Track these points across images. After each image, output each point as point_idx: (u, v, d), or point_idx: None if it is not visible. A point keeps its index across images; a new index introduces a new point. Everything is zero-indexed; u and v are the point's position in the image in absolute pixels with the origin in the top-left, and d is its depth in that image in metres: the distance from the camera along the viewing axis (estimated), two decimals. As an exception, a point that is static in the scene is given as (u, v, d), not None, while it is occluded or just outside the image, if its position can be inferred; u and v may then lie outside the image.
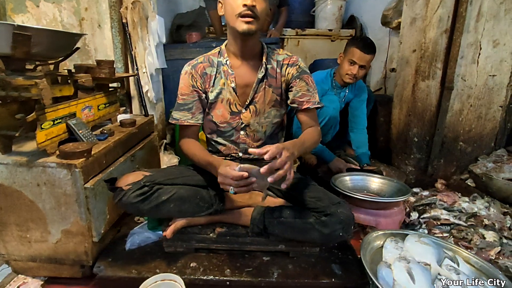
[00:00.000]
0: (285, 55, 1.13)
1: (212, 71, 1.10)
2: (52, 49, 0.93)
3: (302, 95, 1.10)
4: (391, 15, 1.97)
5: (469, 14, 1.62)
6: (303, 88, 1.10)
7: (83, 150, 0.95)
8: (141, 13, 1.58)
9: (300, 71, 1.11)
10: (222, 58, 1.10)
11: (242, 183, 0.84)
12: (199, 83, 1.10)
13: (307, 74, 1.13)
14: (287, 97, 1.15)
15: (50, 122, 0.95)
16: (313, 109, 1.12)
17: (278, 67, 1.12)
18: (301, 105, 1.10)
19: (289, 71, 1.11)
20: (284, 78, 1.12)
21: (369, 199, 1.26)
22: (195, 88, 1.10)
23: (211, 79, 1.10)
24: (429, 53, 1.69)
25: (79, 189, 0.96)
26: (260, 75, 1.09)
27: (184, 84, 1.10)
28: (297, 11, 2.94)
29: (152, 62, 1.68)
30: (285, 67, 1.11)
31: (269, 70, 1.11)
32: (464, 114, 1.78)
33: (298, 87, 1.10)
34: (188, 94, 1.10)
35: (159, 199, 0.97)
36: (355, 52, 1.66)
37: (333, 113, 1.73)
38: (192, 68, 1.10)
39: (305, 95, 1.10)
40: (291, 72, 1.11)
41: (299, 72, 1.11)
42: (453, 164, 1.87)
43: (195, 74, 1.10)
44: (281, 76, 1.12)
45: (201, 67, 1.10)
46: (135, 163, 1.33)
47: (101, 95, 1.28)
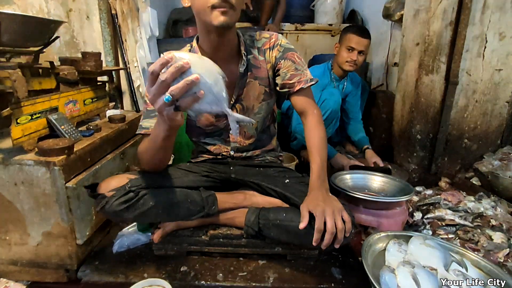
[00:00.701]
0: (263, 38, 1.00)
1: None
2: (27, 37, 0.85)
3: (292, 76, 0.98)
4: (393, 7, 1.90)
5: (475, 6, 1.55)
6: (291, 68, 0.98)
7: (63, 147, 0.88)
8: (131, 4, 1.51)
9: (282, 50, 0.99)
10: None
11: (179, 81, 0.59)
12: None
13: (292, 50, 1.00)
14: (275, 84, 1.03)
15: (27, 117, 0.88)
16: (308, 88, 1.00)
17: (260, 54, 1.00)
18: (293, 87, 0.98)
19: (272, 54, 0.99)
20: (269, 64, 1.00)
21: (370, 198, 1.19)
22: None
23: None
24: (433, 46, 1.62)
25: (59, 188, 0.90)
26: (241, 69, 0.97)
27: None
28: (296, 5, 2.87)
29: (143, 55, 1.61)
30: (267, 52, 1.00)
31: (251, 61, 0.99)
32: (469, 110, 1.71)
33: (285, 68, 0.99)
34: None
35: (146, 205, 0.88)
36: (352, 38, 1.65)
37: (334, 106, 1.67)
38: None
39: (295, 75, 0.98)
40: (274, 55, 0.99)
41: (281, 51, 0.99)
42: (457, 162, 1.80)
43: None
44: (266, 63, 1.00)
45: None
46: (125, 160, 1.27)
47: (88, 89, 1.21)
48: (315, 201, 0.83)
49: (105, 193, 0.86)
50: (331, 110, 1.67)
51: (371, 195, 1.37)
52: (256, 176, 1.07)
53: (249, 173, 1.08)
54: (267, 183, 1.04)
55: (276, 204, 1.02)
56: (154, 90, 0.61)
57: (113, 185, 0.88)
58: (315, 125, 0.98)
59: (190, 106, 0.62)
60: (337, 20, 2.78)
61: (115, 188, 0.87)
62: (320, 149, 0.94)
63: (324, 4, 2.75)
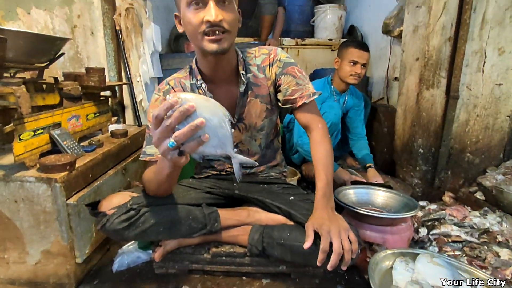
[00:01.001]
0: (262, 55, 0.99)
1: None
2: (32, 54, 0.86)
3: (293, 92, 0.96)
4: (392, 24, 1.94)
5: (473, 21, 1.57)
6: (292, 83, 0.96)
7: (65, 163, 0.87)
8: (135, 20, 1.53)
9: (282, 65, 0.96)
10: (196, 80, 0.95)
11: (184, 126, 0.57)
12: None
13: (291, 65, 0.97)
14: (277, 100, 1.02)
15: (30, 133, 0.88)
16: (311, 102, 0.97)
17: (260, 71, 0.98)
18: (295, 102, 0.96)
19: (272, 70, 0.98)
20: (270, 81, 0.99)
21: (375, 214, 1.17)
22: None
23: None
24: (432, 61, 1.64)
25: (60, 206, 0.88)
26: (241, 88, 0.95)
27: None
28: (297, 21, 2.93)
29: (146, 70, 1.62)
30: (267, 69, 0.98)
31: (251, 79, 0.97)
32: (471, 125, 1.72)
33: (286, 84, 0.96)
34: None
35: (147, 223, 0.86)
36: (354, 52, 1.69)
37: (334, 119, 1.67)
38: (164, 94, 0.95)
39: (296, 90, 0.96)
40: (274, 71, 0.98)
41: (281, 67, 0.97)
42: (460, 176, 1.79)
43: None
44: (266, 81, 0.98)
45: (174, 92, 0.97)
46: (127, 176, 1.25)
47: (90, 104, 1.21)
48: (320, 220, 0.81)
49: (106, 211, 0.84)
50: (331, 122, 1.68)
51: (375, 210, 1.35)
52: (260, 192, 1.05)
53: (253, 190, 1.07)
54: (271, 200, 1.02)
55: (280, 221, 1.00)
56: (158, 134, 0.60)
57: (115, 202, 0.86)
58: (321, 140, 0.96)
59: (194, 150, 0.61)
60: (337, 35, 2.83)
61: (116, 206, 0.86)
62: (326, 166, 0.92)
63: (324, 19, 2.80)
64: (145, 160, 0.91)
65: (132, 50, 1.54)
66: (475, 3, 1.54)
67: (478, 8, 1.56)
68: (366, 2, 2.74)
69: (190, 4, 0.79)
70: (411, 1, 1.72)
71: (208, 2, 0.78)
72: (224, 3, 0.80)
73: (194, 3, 0.78)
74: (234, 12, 0.83)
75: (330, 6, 2.79)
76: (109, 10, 1.49)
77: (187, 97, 0.58)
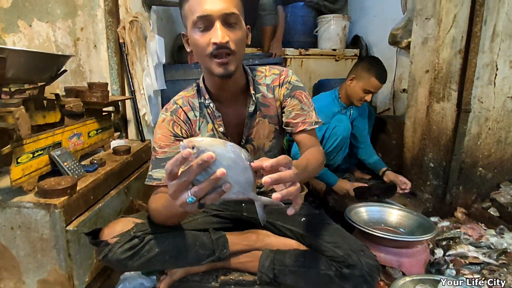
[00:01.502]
0: (273, 75, 0.96)
1: (194, 116, 0.92)
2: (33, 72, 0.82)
3: (296, 115, 0.93)
4: (400, 35, 1.91)
5: (484, 34, 1.54)
6: (296, 107, 0.94)
7: (65, 187, 0.82)
8: (139, 33, 1.50)
9: (291, 87, 0.94)
10: (204, 99, 0.92)
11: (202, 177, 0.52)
12: (184, 130, 0.90)
13: (300, 89, 0.95)
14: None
15: (28, 155, 0.83)
16: (311, 129, 0.94)
17: (269, 91, 0.95)
18: (296, 127, 0.93)
19: (281, 91, 0.95)
20: (278, 101, 0.96)
21: (391, 237, 1.12)
22: (178, 138, 0.88)
23: (196, 125, 0.93)
24: (443, 74, 1.60)
25: (59, 232, 0.83)
26: (250, 108, 0.92)
27: (162, 134, 0.88)
28: (300, 31, 2.91)
29: (150, 83, 1.58)
30: (277, 90, 0.95)
31: (259, 99, 0.94)
32: (482, 138, 1.67)
33: (290, 107, 0.94)
34: (169, 145, 0.87)
35: (152, 252, 0.81)
36: (374, 83, 1.67)
37: (344, 133, 1.63)
38: (172, 114, 0.90)
39: (299, 115, 0.93)
40: (282, 92, 0.95)
41: (289, 89, 0.94)
42: (472, 192, 1.74)
43: (177, 120, 0.90)
44: (275, 101, 0.96)
45: (182, 112, 0.92)
46: (130, 195, 1.20)
47: (93, 121, 1.16)
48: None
49: (108, 240, 0.79)
50: (341, 137, 1.64)
51: (389, 230, 1.30)
52: (270, 214, 1.00)
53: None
54: (282, 222, 0.97)
55: (292, 246, 0.94)
56: (174, 187, 0.54)
57: (117, 230, 0.81)
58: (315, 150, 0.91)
59: (216, 201, 0.55)
60: (340, 45, 2.80)
61: (119, 233, 0.80)
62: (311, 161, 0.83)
63: (328, 30, 2.78)
64: (152, 184, 0.86)
65: (136, 63, 1.51)
66: (486, 16, 1.52)
67: (488, 20, 1.53)
68: (370, 12, 2.73)
69: (196, 25, 0.76)
70: (419, 13, 1.69)
71: (214, 23, 0.75)
72: (231, 23, 0.77)
73: (200, 24, 0.76)
74: (241, 31, 0.80)
75: (333, 16, 2.77)
76: (113, 23, 1.46)
77: (202, 144, 0.52)
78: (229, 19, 0.75)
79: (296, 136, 0.95)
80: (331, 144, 1.66)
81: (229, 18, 0.75)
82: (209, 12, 0.73)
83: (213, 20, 0.74)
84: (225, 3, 0.74)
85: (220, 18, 0.74)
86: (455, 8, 1.51)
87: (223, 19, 0.75)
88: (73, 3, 1.48)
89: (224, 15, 0.74)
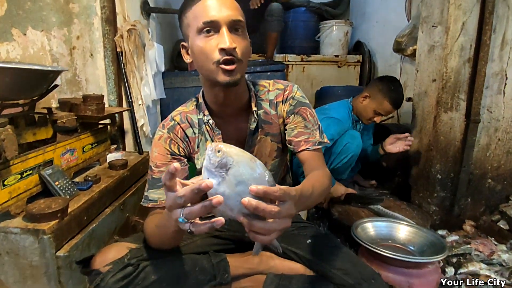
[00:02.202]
0: (277, 90, 0.90)
1: (193, 133, 0.87)
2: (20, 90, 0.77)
3: (299, 134, 0.87)
4: (405, 42, 1.86)
5: (493, 42, 1.50)
6: (300, 125, 0.87)
7: (55, 210, 0.77)
8: (138, 41, 1.45)
9: (295, 103, 0.88)
10: (203, 115, 0.87)
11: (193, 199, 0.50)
12: (182, 148, 0.86)
13: (305, 105, 0.89)
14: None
15: (16, 176, 0.78)
16: (316, 149, 0.87)
17: (272, 107, 0.89)
18: (298, 146, 0.86)
19: (284, 108, 0.89)
20: (281, 118, 0.90)
21: (401, 258, 1.06)
22: (175, 156, 0.84)
23: (194, 142, 0.88)
24: (451, 83, 1.55)
25: (49, 259, 0.77)
26: (252, 126, 0.87)
27: (159, 153, 0.83)
28: (302, 36, 2.87)
29: (149, 93, 1.53)
30: (280, 106, 0.89)
31: (261, 116, 0.89)
32: (492, 149, 1.62)
33: (293, 124, 0.88)
34: (166, 164, 0.82)
35: (148, 280, 0.75)
36: (386, 107, 1.64)
37: (356, 151, 1.58)
38: (169, 132, 0.85)
39: (302, 133, 0.87)
40: (285, 109, 0.89)
41: (293, 105, 0.88)
42: (481, 204, 1.68)
43: (174, 138, 0.85)
44: (278, 118, 0.90)
45: (180, 129, 0.86)
46: (126, 212, 1.15)
47: (87, 135, 1.11)
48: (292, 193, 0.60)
49: (100, 269, 0.73)
50: (352, 154, 1.59)
51: (397, 248, 1.24)
52: (273, 235, 0.95)
53: (265, 232, 0.96)
54: (286, 245, 0.91)
55: (298, 270, 0.88)
56: (170, 200, 0.52)
57: (110, 257, 0.75)
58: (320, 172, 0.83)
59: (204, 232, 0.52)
60: (342, 51, 2.76)
61: (112, 261, 0.74)
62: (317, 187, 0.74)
63: (330, 35, 2.75)
64: (148, 206, 0.81)
65: (134, 72, 1.46)
66: (495, 24, 1.47)
67: (498, 29, 1.48)
68: (373, 18, 2.69)
69: (201, 31, 0.72)
70: (425, 20, 1.65)
71: (221, 28, 0.71)
72: (237, 30, 0.74)
73: (206, 30, 0.72)
74: (246, 40, 0.76)
75: (335, 22, 2.74)
76: (110, 31, 1.41)
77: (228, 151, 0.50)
78: (235, 26, 0.73)
79: (299, 155, 0.89)
80: (340, 160, 1.61)
81: (236, 25, 0.73)
82: (216, 18, 0.71)
83: (220, 26, 0.71)
84: (232, 10, 0.72)
85: (227, 24, 0.71)
86: (463, 15, 1.46)
87: (230, 26, 0.72)
88: (69, 11, 1.43)
89: (231, 22, 0.72)
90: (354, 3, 3.05)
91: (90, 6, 1.43)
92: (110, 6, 1.42)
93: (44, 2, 1.42)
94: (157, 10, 1.72)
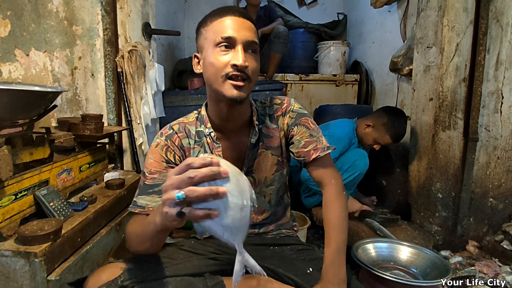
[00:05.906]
0: (275, 105, 0.93)
1: (188, 143, 0.88)
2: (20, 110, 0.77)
3: (306, 143, 0.89)
4: (401, 62, 1.90)
5: (487, 62, 1.53)
6: (305, 134, 0.90)
7: (48, 232, 0.75)
8: (138, 61, 1.48)
9: (295, 115, 0.92)
10: (204, 128, 0.88)
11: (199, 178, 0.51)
12: (178, 156, 0.86)
13: (305, 116, 0.92)
14: (289, 153, 0.95)
15: (10, 197, 0.77)
16: (325, 156, 0.89)
17: (272, 122, 0.92)
18: (309, 155, 0.88)
19: (284, 121, 0.92)
20: (282, 132, 0.92)
21: (403, 281, 1.03)
22: (170, 164, 0.84)
23: (190, 153, 0.89)
24: (448, 102, 1.57)
25: (39, 283, 0.75)
26: (252, 139, 0.89)
27: (154, 159, 0.83)
28: (300, 56, 2.93)
29: (148, 112, 1.54)
30: (280, 119, 0.93)
31: (263, 130, 0.91)
32: (492, 167, 1.61)
33: (299, 135, 0.90)
34: (160, 171, 0.83)
35: None
36: (386, 140, 1.69)
37: (363, 169, 1.60)
38: (166, 139, 0.86)
39: (310, 142, 0.89)
40: (286, 122, 0.92)
41: (294, 117, 0.91)
42: (484, 223, 1.66)
43: (171, 146, 0.86)
44: (278, 131, 0.92)
45: (177, 138, 0.87)
46: (122, 232, 1.12)
47: (85, 154, 1.11)
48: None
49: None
50: (359, 172, 1.60)
51: (399, 269, 1.21)
52: (271, 259, 0.92)
53: (262, 255, 0.93)
54: (284, 270, 0.89)
55: (296, 296, 0.85)
56: (173, 180, 0.53)
57: (103, 279, 0.73)
58: (334, 198, 0.87)
59: (197, 220, 0.52)
60: (340, 70, 2.81)
61: (105, 283, 0.72)
62: (338, 228, 0.82)
63: (328, 55, 2.80)
64: (135, 212, 0.81)
65: (135, 91, 1.48)
66: (489, 45, 1.51)
67: (491, 49, 1.52)
68: (369, 38, 2.75)
69: (218, 45, 0.76)
70: (420, 41, 1.69)
71: (236, 46, 0.76)
72: (252, 51, 0.78)
73: (223, 45, 0.76)
74: (258, 62, 0.80)
75: (333, 42, 2.80)
76: (111, 52, 1.44)
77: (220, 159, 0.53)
78: (250, 46, 0.77)
79: (310, 167, 0.91)
80: (348, 176, 1.61)
81: (251, 46, 0.77)
82: (234, 35, 0.75)
83: (236, 43, 0.75)
84: (250, 32, 0.77)
85: (243, 43, 0.76)
86: (457, 37, 1.50)
87: (246, 45, 0.76)
88: (72, 33, 1.47)
89: (248, 42, 0.76)
90: (351, 24, 3.14)
91: (92, 28, 1.47)
92: (112, 28, 1.45)
93: (48, 25, 1.46)
94: (158, 32, 1.76)
